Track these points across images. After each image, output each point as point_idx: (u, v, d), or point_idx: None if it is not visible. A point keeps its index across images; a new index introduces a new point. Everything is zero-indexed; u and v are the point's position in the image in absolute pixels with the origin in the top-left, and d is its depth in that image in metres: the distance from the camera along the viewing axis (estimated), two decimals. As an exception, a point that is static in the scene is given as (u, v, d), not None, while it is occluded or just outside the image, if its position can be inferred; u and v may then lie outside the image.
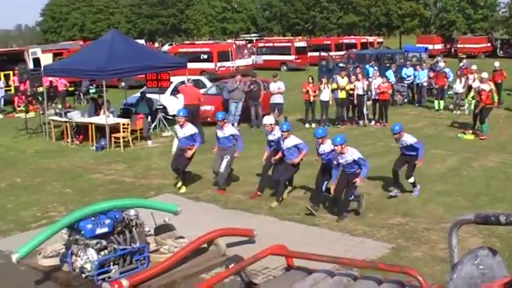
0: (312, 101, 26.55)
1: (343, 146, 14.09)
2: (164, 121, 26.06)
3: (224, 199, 16.39)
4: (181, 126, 17.10)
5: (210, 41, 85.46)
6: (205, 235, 11.95)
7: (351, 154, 14.23)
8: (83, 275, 11.09)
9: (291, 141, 15.90)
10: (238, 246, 12.56)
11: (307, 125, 26.77)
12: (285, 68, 57.84)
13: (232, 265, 10.54)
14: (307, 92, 26.46)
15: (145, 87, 28.22)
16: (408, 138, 15.98)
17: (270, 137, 16.78)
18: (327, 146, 15.10)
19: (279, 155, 16.24)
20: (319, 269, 6.36)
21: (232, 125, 25.52)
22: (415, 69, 33.25)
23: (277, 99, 26.93)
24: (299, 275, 6.38)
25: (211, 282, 6.89)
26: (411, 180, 16.28)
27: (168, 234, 12.79)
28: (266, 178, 16.74)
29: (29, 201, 16.97)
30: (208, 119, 26.70)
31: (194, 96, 24.74)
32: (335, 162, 14.63)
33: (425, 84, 32.63)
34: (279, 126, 16.49)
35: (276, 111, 26.74)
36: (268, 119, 17.11)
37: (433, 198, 16.04)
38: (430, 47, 62.28)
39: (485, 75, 25.29)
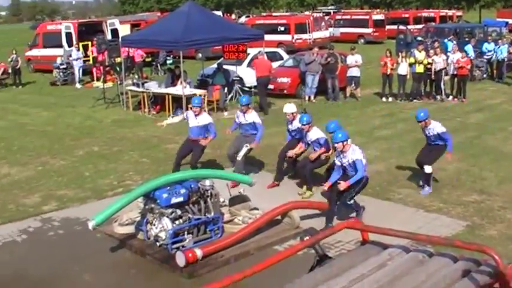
0: (389, 74, 26.13)
1: (344, 143, 12.30)
2: (240, 92, 26.02)
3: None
4: (197, 115, 15.15)
5: (288, 13, 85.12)
6: (280, 207, 11.89)
7: (352, 152, 12.33)
8: (157, 244, 11.19)
9: (314, 134, 14.37)
10: (312, 219, 12.49)
11: (384, 99, 26.41)
12: (362, 41, 57.15)
13: (308, 238, 10.48)
14: (385, 65, 26.05)
15: (222, 58, 28.23)
16: (436, 127, 14.20)
17: (290, 127, 15.44)
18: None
19: (301, 148, 15.02)
20: (394, 244, 6.23)
21: (309, 98, 25.48)
22: (496, 44, 32.38)
23: (354, 72, 26.63)
24: (374, 249, 6.24)
25: (284, 254, 6.81)
26: (428, 169, 14.24)
27: (243, 205, 12.79)
28: (282, 168, 15.56)
29: (106, 170, 17.19)
30: (285, 91, 26.66)
31: (266, 69, 24.81)
32: (338, 163, 12.63)
33: (505, 59, 31.72)
34: (299, 120, 14.63)
35: (353, 84, 26.48)
36: (290, 107, 15.32)
37: (510, 176, 15.56)
38: (511, 21, 60.62)
39: None
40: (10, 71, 36.56)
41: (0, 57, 39.34)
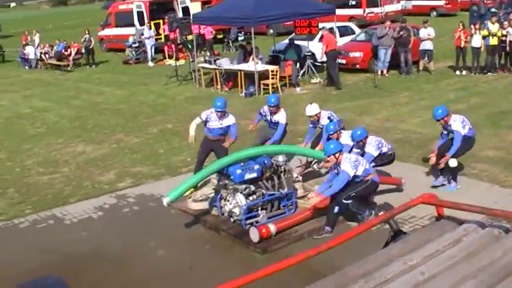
0: (463, 47, 25.52)
1: (337, 155, 10.79)
2: (313, 68, 25.84)
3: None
4: (220, 118, 13.22)
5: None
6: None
7: (343, 162, 10.81)
8: (231, 219, 11.19)
9: (344, 140, 12.48)
10: (386, 194, 12.31)
11: (457, 72, 25.82)
12: (434, 13, 55.91)
13: (382, 213, 10.33)
14: (459, 37, 25.45)
15: (293, 34, 28.06)
16: (457, 126, 12.50)
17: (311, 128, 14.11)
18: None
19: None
20: (469, 220, 6.08)
21: (381, 72, 25.13)
22: None
23: (427, 45, 26.10)
24: (449, 225, 6.11)
25: (360, 229, 6.69)
26: (453, 163, 12.49)
27: (316, 180, 12.69)
28: None
29: (179, 147, 17.28)
30: (357, 66, 26.37)
31: (333, 42, 24.58)
32: (335, 171, 11.08)
33: None
34: (326, 129, 12.95)
35: (426, 58, 25.99)
36: (313, 109, 13.71)
37: None
38: None
39: None
40: (83, 51, 37.13)
41: (73, 37, 39.93)
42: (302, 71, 26.13)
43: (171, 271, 10.18)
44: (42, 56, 39.01)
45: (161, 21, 37.88)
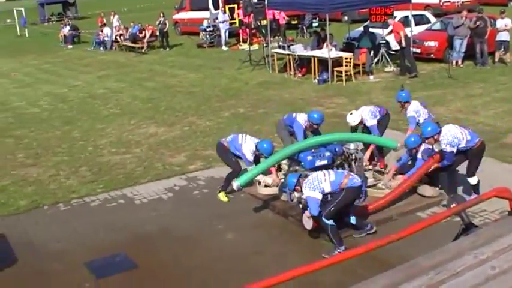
0: (541, 38, 24.89)
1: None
2: (387, 56, 25.52)
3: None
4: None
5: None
6: (423, 173, 11.52)
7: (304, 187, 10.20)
8: (300, 206, 11.09)
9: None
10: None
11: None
12: (512, 3, 54.87)
13: (454, 205, 10.11)
14: (537, 28, 24.80)
15: (368, 21, 27.74)
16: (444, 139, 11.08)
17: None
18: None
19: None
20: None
21: (456, 63, 24.67)
22: None
23: (503, 36, 25.46)
24: (523, 219, 5.92)
25: (431, 221, 6.55)
26: (473, 181, 11.46)
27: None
28: None
29: (251, 131, 17.16)
30: (432, 55, 25.95)
31: (403, 29, 24.24)
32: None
33: None
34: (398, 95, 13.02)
35: (502, 49, 25.39)
36: (354, 118, 12.95)
37: None
38: None
39: None
40: (158, 33, 37.45)
41: (148, 20, 40.27)
42: (376, 59, 25.82)
43: (237, 254, 10.20)
44: (117, 37, 39.57)
45: (236, 5, 37.89)
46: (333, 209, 9.93)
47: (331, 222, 9.90)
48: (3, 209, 13.10)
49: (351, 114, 13.05)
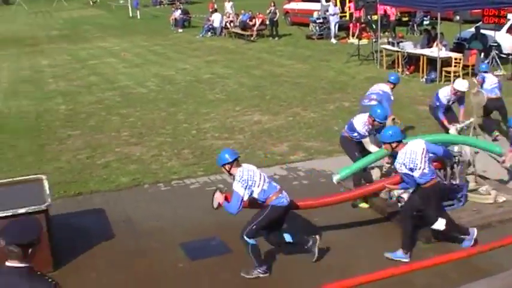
0: None
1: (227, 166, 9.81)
2: (497, 59, 24.89)
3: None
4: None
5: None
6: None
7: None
8: (399, 205, 10.99)
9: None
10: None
11: None
12: None
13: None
14: None
15: (480, 22, 27.11)
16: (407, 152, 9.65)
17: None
18: None
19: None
20: None
21: None
22: None
23: None
24: None
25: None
26: (439, 226, 9.81)
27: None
28: None
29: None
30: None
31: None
32: None
33: None
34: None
35: None
36: (464, 84, 12.95)
37: None
38: None
39: None
40: (268, 22, 37.65)
41: (259, 8, 40.45)
42: (486, 61, 25.22)
43: (328, 247, 10.12)
44: (227, 24, 39.94)
45: (348, -1, 37.72)
46: (254, 227, 9.37)
47: (252, 241, 9.36)
48: (104, 184, 13.51)
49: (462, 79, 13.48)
